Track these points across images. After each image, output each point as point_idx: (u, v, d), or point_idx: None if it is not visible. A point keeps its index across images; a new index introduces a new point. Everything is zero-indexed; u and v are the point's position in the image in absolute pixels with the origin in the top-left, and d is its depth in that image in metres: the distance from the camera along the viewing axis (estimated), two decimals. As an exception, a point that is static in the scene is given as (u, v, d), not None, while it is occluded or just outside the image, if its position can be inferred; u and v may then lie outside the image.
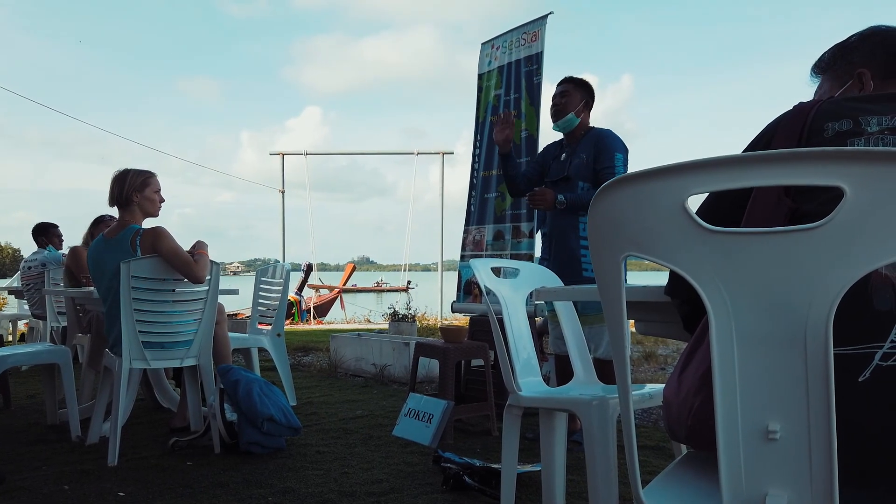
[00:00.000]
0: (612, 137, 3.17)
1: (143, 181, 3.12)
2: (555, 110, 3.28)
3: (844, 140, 1.08)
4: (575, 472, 2.53)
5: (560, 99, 3.26)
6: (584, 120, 3.27)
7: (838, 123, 1.11)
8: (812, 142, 1.10)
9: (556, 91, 3.31)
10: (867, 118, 1.09)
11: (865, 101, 1.14)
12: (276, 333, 4.14)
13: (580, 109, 3.24)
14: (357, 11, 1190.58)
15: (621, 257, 0.88)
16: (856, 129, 1.09)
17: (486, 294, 2.12)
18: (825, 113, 1.13)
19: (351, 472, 2.70)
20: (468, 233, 5.19)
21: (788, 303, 0.77)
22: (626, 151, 3.18)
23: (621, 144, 3.17)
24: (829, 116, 1.12)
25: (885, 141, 1.05)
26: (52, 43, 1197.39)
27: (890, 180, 0.72)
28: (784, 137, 1.14)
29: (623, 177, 0.86)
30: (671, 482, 1.00)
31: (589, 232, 0.91)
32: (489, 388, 3.44)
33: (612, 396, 1.85)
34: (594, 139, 3.19)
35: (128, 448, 2.96)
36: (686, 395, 1.02)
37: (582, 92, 3.26)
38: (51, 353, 3.37)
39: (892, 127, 1.07)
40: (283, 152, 13.21)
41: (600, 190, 0.88)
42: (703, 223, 0.80)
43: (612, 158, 3.12)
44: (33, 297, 5.20)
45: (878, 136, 1.07)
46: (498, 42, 5.18)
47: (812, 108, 1.15)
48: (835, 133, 1.10)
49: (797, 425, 0.78)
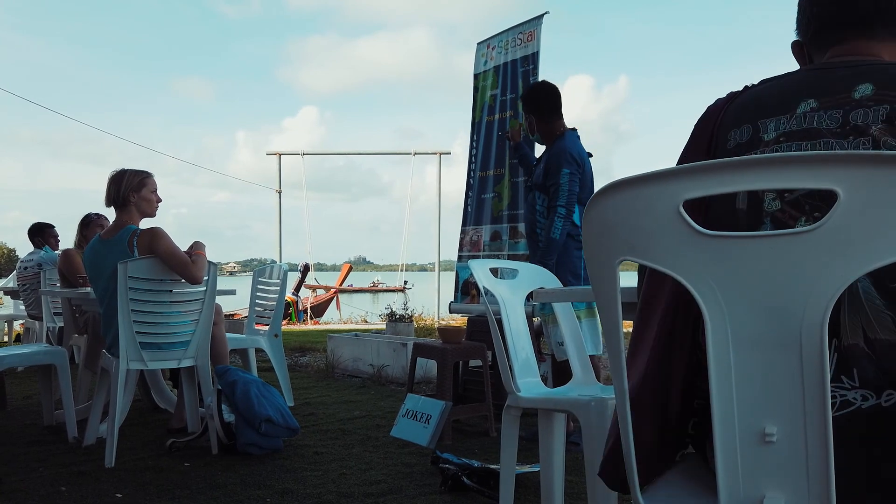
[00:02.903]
0: (563, 152, 3.15)
1: (139, 181, 3.12)
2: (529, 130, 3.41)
3: (743, 154, 1.01)
4: (573, 473, 2.54)
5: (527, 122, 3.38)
6: (552, 126, 3.28)
7: (739, 132, 1.04)
8: (718, 156, 1.04)
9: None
10: (765, 122, 1.02)
11: (768, 93, 1.05)
12: (273, 334, 4.14)
13: (539, 126, 3.30)
14: (351, 12, 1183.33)
15: (616, 261, 0.89)
16: (754, 137, 1.02)
17: (484, 295, 2.12)
18: (729, 119, 1.06)
19: (349, 472, 2.71)
20: (465, 233, 5.20)
21: (783, 306, 0.78)
22: (578, 164, 3.14)
23: (570, 157, 3.13)
24: (732, 123, 1.06)
25: (781, 150, 0.97)
26: (45, 42, 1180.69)
27: (882, 183, 0.73)
28: (693, 149, 1.08)
29: (618, 181, 0.86)
30: (669, 484, 1.01)
31: (584, 236, 0.91)
32: (487, 389, 3.44)
33: (611, 397, 1.86)
34: (552, 151, 3.21)
35: (125, 449, 2.96)
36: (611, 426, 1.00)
37: (532, 108, 3.30)
38: (48, 353, 3.36)
39: (788, 131, 0.99)
40: (279, 152, 13.19)
41: (595, 195, 0.88)
42: (697, 227, 0.81)
43: (557, 175, 3.12)
44: (29, 298, 5.18)
45: (774, 145, 0.99)
46: (494, 42, 5.18)
47: (720, 111, 1.08)
48: (735, 145, 1.04)
49: (794, 428, 0.79)
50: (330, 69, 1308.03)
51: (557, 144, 3.22)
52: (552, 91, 3.31)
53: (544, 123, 3.29)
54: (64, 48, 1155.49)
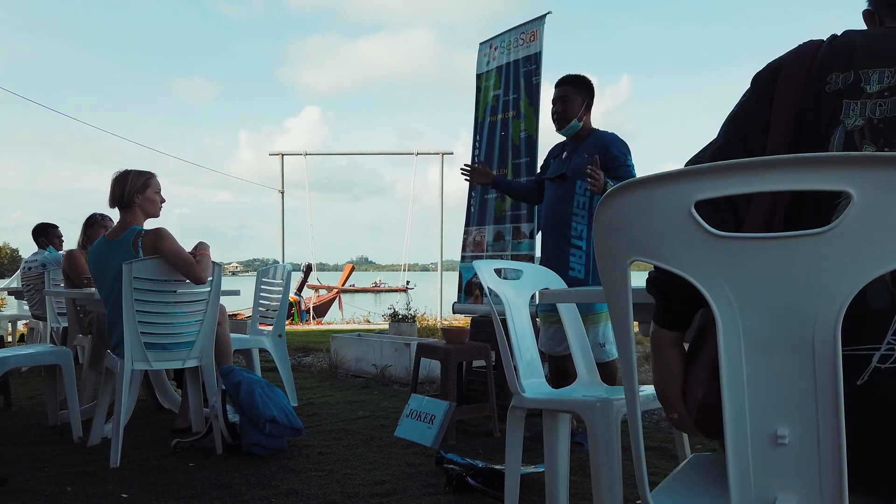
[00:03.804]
0: (620, 141, 3.13)
1: (144, 182, 3.12)
2: (556, 116, 3.19)
3: (840, 101, 0.99)
4: (578, 473, 2.54)
5: (561, 105, 3.17)
6: (586, 122, 3.21)
7: (842, 77, 1.01)
8: (811, 93, 1.01)
9: (555, 94, 3.20)
10: (867, 73, 1.00)
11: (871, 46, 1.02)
12: (276, 334, 4.14)
13: (582, 113, 3.17)
14: (351, 12, 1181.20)
15: (628, 262, 0.89)
16: (855, 86, 0.99)
17: (489, 295, 2.12)
18: (833, 59, 1.02)
19: (353, 473, 2.71)
20: (468, 233, 5.19)
21: (796, 307, 0.77)
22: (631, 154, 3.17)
23: (627, 147, 3.13)
24: (834, 65, 1.02)
25: (883, 107, 0.96)
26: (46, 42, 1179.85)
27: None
28: (787, 84, 1.04)
29: (630, 182, 0.86)
30: (679, 485, 1.00)
31: (595, 236, 0.91)
32: (491, 389, 3.44)
33: (616, 398, 1.86)
34: (599, 142, 3.12)
35: (130, 449, 2.96)
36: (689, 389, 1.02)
37: (583, 93, 3.18)
38: (52, 354, 3.37)
39: (891, 86, 0.97)
40: (282, 152, 13.19)
41: (606, 195, 0.88)
42: (709, 228, 0.81)
43: (626, 157, 3.08)
44: (34, 298, 5.19)
45: (877, 99, 0.97)
46: (496, 42, 5.17)
47: (818, 49, 1.04)
48: (835, 90, 1.00)
49: (806, 430, 0.79)
50: (331, 69, 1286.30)
51: (600, 135, 3.14)
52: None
53: (587, 112, 3.21)
54: (64, 48, 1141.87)
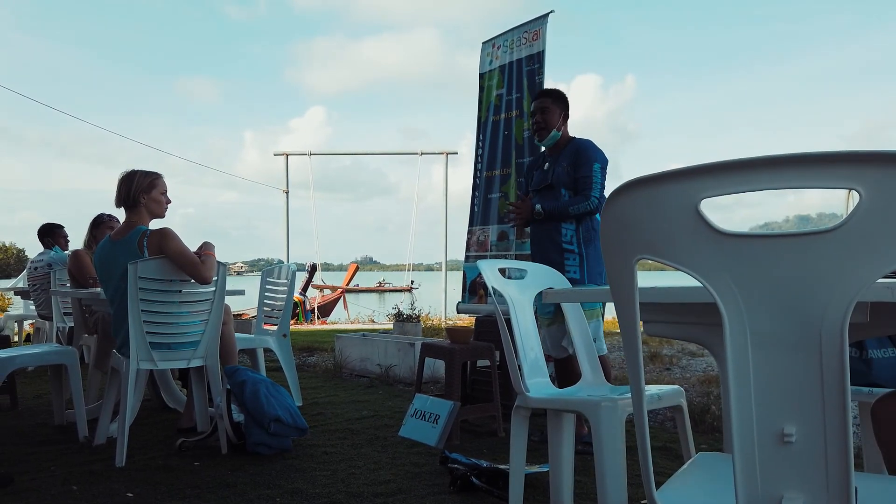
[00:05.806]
0: (592, 148, 3.22)
1: (150, 182, 3.13)
2: (537, 127, 3.32)
3: None
4: (582, 473, 2.53)
5: (542, 115, 3.29)
6: (564, 132, 3.33)
7: None
8: None
9: (534, 106, 3.33)
10: None
11: None
12: (281, 334, 4.15)
13: (560, 123, 3.29)
14: (356, 13, 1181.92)
15: (634, 260, 0.89)
16: None
17: (493, 295, 2.12)
18: None
19: (358, 472, 2.71)
20: (472, 233, 5.19)
21: (803, 306, 0.77)
22: (606, 162, 3.21)
23: (600, 155, 3.20)
24: None
25: None
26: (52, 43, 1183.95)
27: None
28: None
29: (636, 179, 0.86)
30: (685, 484, 1.00)
31: (601, 234, 0.91)
32: (495, 389, 3.44)
33: (621, 397, 1.85)
34: (574, 149, 3.23)
35: (135, 449, 2.97)
36: None
37: (560, 105, 3.30)
38: (58, 353, 3.38)
39: None
40: (287, 153, 13.20)
41: (613, 193, 0.88)
42: (716, 226, 0.80)
43: (590, 168, 3.16)
44: (39, 298, 5.21)
45: None
46: (499, 41, 5.17)
47: None
48: None
49: (813, 429, 0.78)
50: (336, 70, 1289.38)
51: (578, 142, 3.25)
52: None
53: (565, 123, 3.33)
54: (70, 49, 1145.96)
